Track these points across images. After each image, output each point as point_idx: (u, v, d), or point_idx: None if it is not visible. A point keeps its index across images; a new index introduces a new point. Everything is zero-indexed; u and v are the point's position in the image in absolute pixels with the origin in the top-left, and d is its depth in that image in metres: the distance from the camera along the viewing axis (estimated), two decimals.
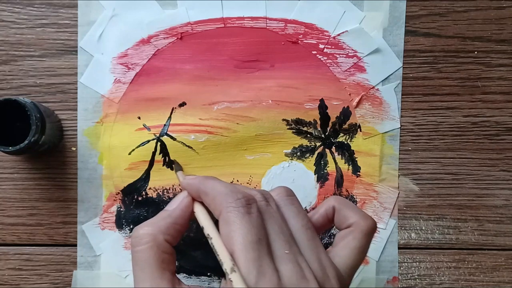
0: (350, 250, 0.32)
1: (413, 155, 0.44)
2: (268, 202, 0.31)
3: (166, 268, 0.30)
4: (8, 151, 0.37)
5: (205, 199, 0.31)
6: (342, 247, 0.32)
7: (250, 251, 0.27)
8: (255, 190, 0.32)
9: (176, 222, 0.31)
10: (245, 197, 0.29)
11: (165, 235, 0.30)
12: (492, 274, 0.44)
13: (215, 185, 0.31)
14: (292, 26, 0.43)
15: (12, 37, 0.43)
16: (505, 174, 0.44)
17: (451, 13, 0.43)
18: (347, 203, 0.34)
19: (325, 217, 0.34)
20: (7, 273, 0.43)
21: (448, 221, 0.44)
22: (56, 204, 0.43)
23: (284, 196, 0.32)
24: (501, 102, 0.44)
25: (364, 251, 0.32)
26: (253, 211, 0.29)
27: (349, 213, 0.33)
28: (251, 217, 0.28)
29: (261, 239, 0.28)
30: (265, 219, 0.29)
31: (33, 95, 0.43)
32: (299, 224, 0.31)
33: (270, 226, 0.29)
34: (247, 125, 0.43)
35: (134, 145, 0.43)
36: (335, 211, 0.34)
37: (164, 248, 0.30)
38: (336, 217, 0.34)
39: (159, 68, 0.43)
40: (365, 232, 0.32)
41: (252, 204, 0.29)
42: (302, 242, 0.30)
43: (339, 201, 0.34)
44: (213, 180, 0.31)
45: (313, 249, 0.30)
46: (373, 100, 0.44)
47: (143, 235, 0.30)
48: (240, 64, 0.43)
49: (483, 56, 0.44)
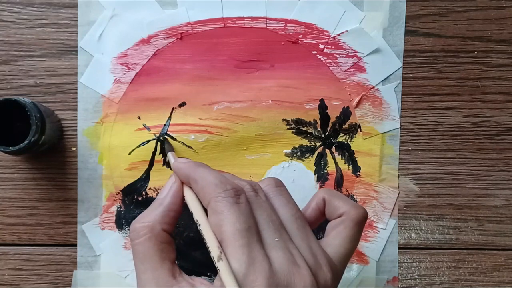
0: (342, 239, 0.32)
1: (413, 155, 0.44)
2: (257, 193, 0.31)
3: (166, 257, 0.30)
4: (8, 151, 0.37)
5: (194, 186, 0.31)
6: (334, 236, 0.32)
7: (239, 238, 0.27)
8: (244, 181, 0.32)
9: (169, 209, 0.31)
10: (234, 187, 0.29)
11: (161, 224, 0.30)
12: (492, 274, 0.44)
13: (204, 174, 0.31)
14: (292, 26, 0.43)
15: (12, 37, 0.43)
16: (505, 174, 0.44)
17: (451, 13, 0.43)
18: (337, 194, 0.34)
19: (317, 210, 0.34)
20: (7, 273, 0.43)
21: (448, 221, 0.44)
22: (56, 204, 0.43)
23: (273, 186, 0.32)
24: (501, 102, 0.44)
25: (355, 240, 0.32)
26: (242, 200, 0.29)
27: (339, 203, 0.33)
28: (239, 206, 0.29)
29: (250, 227, 0.28)
30: (254, 208, 0.30)
31: (33, 95, 0.43)
32: (288, 214, 0.31)
33: (259, 215, 0.29)
34: (247, 125, 0.43)
35: (134, 145, 0.43)
36: (325, 202, 0.34)
37: (162, 238, 0.30)
38: (326, 208, 0.34)
39: (159, 68, 0.43)
40: (356, 221, 0.32)
41: (240, 194, 0.29)
42: (292, 231, 0.30)
43: (328, 193, 0.34)
44: (203, 168, 0.32)
45: (303, 238, 0.30)
46: (373, 100, 0.44)
47: (140, 227, 0.30)
48: (240, 64, 0.43)
49: (483, 56, 0.44)
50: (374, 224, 0.44)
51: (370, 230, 0.44)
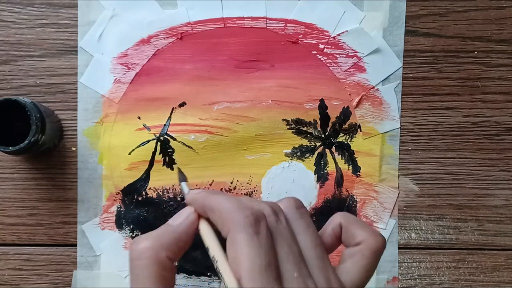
0: (359, 268, 0.31)
1: (413, 155, 0.44)
2: (278, 217, 0.29)
3: (166, 286, 0.28)
4: (8, 151, 0.37)
5: (211, 215, 0.30)
6: (351, 265, 0.31)
7: (258, 277, 0.26)
8: (263, 203, 0.30)
9: (180, 238, 0.30)
10: (254, 214, 0.28)
11: (167, 252, 0.29)
12: (492, 274, 0.44)
13: (221, 201, 0.29)
14: (292, 26, 0.43)
15: (12, 37, 0.43)
16: (505, 174, 0.44)
17: (451, 13, 0.43)
18: (354, 220, 0.33)
19: (333, 237, 0.33)
20: (7, 273, 0.43)
21: (448, 221, 0.44)
22: (56, 204, 0.43)
23: (293, 208, 0.31)
24: (501, 102, 0.44)
25: (372, 269, 0.31)
26: (262, 230, 0.28)
27: (357, 231, 0.32)
28: (260, 238, 0.27)
29: (270, 263, 0.27)
30: (275, 238, 0.28)
31: (33, 95, 0.43)
32: (308, 240, 0.30)
33: (280, 247, 0.28)
34: (247, 125, 0.43)
35: (134, 145, 0.43)
36: (342, 228, 0.33)
37: (165, 266, 0.29)
38: (343, 235, 0.33)
39: (159, 68, 0.43)
40: (374, 250, 0.31)
41: (261, 222, 0.28)
42: (311, 261, 0.29)
43: (346, 218, 0.33)
44: (218, 195, 0.30)
45: (322, 268, 0.29)
46: (373, 100, 0.44)
47: (144, 249, 0.28)
48: (240, 64, 0.43)
49: (483, 56, 0.44)
50: (374, 224, 0.44)
51: None
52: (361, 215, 0.44)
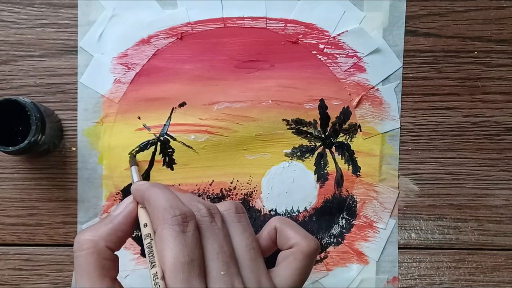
0: (291, 270, 0.31)
1: (413, 155, 0.44)
2: (213, 218, 0.30)
3: (106, 274, 0.29)
4: (8, 151, 0.37)
5: (147, 208, 0.31)
6: (283, 267, 0.32)
7: (180, 272, 0.27)
8: (202, 203, 0.31)
9: (118, 228, 0.31)
10: (183, 213, 0.29)
11: (106, 242, 0.30)
12: (492, 274, 0.44)
13: (158, 196, 0.30)
14: (292, 26, 0.43)
15: (12, 37, 0.43)
16: (505, 174, 0.44)
17: (451, 13, 0.43)
18: (289, 223, 0.34)
19: (268, 240, 0.34)
20: (7, 273, 0.43)
21: (448, 221, 0.44)
22: (56, 204, 0.43)
23: (233, 212, 0.32)
24: (501, 102, 0.44)
25: (305, 272, 0.32)
26: (189, 229, 0.28)
27: (291, 234, 0.33)
28: (185, 236, 0.28)
29: (193, 260, 0.27)
30: (206, 236, 0.29)
31: (33, 95, 0.43)
32: (243, 243, 0.30)
33: (210, 245, 0.29)
34: (247, 125, 0.43)
35: (134, 145, 0.43)
36: (277, 232, 0.34)
37: (105, 255, 0.30)
38: (278, 238, 0.34)
39: (159, 68, 0.43)
40: (306, 253, 0.32)
41: (189, 222, 0.29)
42: (243, 263, 0.30)
43: (280, 222, 0.34)
44: (158, 189, 0.31)
45: (254, 270, 0.30)
46: (373, 100, 0.44)
47: (84, 241, 0.30)
48: (240, 64, 0.43)
49: (483, 56, 0.44)
50: (374, 224, 0.44)
51: (370, 230, 0.44)
52: (361, 215, 0.44)
